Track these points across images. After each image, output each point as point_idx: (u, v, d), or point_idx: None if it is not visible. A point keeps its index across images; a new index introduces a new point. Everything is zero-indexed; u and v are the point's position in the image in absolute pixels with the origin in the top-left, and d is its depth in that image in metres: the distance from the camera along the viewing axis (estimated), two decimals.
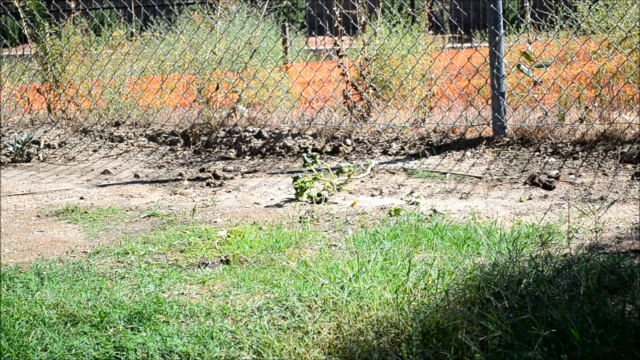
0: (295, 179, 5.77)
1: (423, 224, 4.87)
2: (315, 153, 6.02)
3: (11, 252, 4.82)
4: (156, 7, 8.85)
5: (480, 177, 6.15)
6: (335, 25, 7.64)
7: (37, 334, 3.53)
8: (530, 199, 5.54)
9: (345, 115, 7.54)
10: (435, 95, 7.53)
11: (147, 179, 6.70)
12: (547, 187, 5.76)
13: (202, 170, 6.79)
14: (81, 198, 6.11)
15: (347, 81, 7.58)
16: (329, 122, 7.42)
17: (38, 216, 5.64)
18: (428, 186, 6.00)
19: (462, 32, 8.77)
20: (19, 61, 9.53)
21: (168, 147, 7.64)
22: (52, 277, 4.22)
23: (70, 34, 8.81)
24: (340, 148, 7.04)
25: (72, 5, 9.30)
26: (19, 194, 6.32)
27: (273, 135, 7.41)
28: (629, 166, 6.17)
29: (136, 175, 6.83)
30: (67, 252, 4.76)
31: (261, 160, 7.11)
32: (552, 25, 7.97)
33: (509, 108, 6.96)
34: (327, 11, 7.67)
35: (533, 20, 7.98)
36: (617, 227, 4.75)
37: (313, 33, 8.02)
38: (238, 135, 7.48)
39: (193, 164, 7.13)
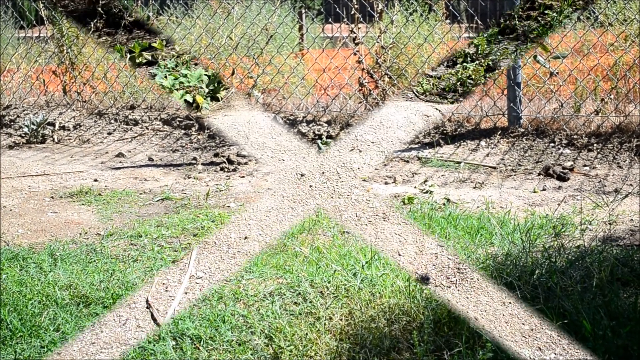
0: None
1: (436, 212, 4.86)
2: (329, 140, 6.01)
3: (25, 233, 4.84)
4: None
5: (494, 167, 6.14)
6: (352, 12, 7.62)
7: (50, 314, 3.55)
8: (544, 189, 5.53)
9: (360, 102, 7.53)
10: None
11: (161, 163, 6.71)
12: (562, 178, 5.75)
13: (216, 154, 6.80)
14: (95, 180, 6.13)
15: (363, 69, 7.57)
16: (344, 110, 7.42)
17: (52, 197, 5.66)
18: (442, 175, 5.99)
19: (479, 22, 8.73)
20: (36, 43, 9.54)
21: (182, 131, 7.65)
22: (65, 259, 4.24)
23: None
24: None
25: None
26: (33, 175, 6.34)
27: (288, 122, 7.41)
28: None
29: (150, 159, 6.84)
30: (80, 234, 4.77)
31: None
32: None
33: (524, 99, 6.94)
34: None
35: None
36: (631, 219, 4.74)
37: (330, 20, 8.01)
38: None
39: (207, 148, 7.14)
